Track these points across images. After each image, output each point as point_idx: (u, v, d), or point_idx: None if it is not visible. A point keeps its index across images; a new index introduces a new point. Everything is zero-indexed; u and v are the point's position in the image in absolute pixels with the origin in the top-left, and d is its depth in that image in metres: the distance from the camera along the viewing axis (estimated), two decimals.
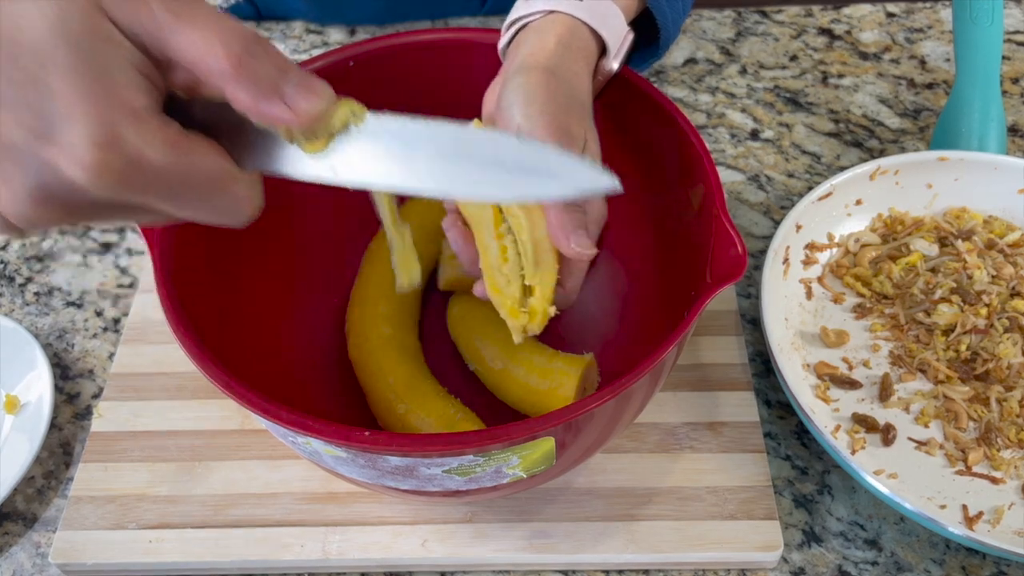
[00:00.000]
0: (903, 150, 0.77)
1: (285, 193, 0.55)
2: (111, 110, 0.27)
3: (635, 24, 0.54)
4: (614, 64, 0.53)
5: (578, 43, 0.50)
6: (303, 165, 0.31)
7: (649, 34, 0.56)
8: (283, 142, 0.30)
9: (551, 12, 0.50)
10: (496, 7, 0.88)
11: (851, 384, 0.60)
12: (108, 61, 0.27)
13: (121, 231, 0.73)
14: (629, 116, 0.57)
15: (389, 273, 0.62)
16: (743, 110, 0.81)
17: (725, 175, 0.76)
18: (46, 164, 0.27)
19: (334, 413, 0.58)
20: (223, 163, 0.30)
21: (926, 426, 0.58)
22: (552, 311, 0.48)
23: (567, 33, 0.50)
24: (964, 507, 0.54)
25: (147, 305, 0.66)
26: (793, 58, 0.86)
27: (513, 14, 0.52)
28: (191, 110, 0.30)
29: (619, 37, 0.52)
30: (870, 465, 0.56)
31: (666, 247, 0.58)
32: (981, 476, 0.56)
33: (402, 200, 0.65)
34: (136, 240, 0.73)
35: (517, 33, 0.52)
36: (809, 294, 0.65)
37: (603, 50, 0.52)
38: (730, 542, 0.53)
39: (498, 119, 0.48)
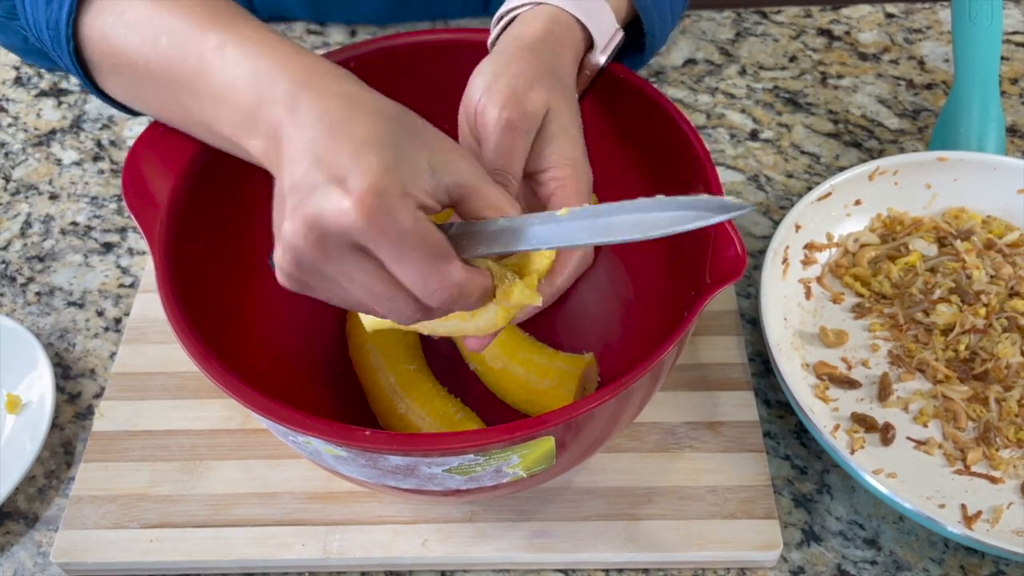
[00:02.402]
0: (902, 150, 0.77)
1: None
2: (392, 183, 0.36)
3: (624, 29, 0.54)
4: (600, 58, 0.53)
5: (564, 33, 0.50)
6: (514, 244, 0.40)
7: (636, 41, 0.56)
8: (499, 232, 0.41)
9: (539, 4, 0.51)
10: (498, 8, 0.88)
11: (850, 384, 0.60)
12: (408, 158, 0.38)
13: (122, 231, 0.73)
14: (629, 117, 0.57)
15: None
16: (743, 110, 0.81)
17: (725, 175, 0.76)
18: (330, 196, 0.36)
19: (334, 413, 0.58)
20: (445, 243, 0.39)
21: (925, 426, 0.58)
22: (536, 300, 0.47)
23: (553, 22, 0.50)
24: (963, 506, 0.54)
25: (148, 305, 0.66)
26: (792, 59, 0.86)
27: (502, 8, 0.52)
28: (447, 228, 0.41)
29: (607, 32, 0.52)
30: (869, 464, 0.56)
31: (666, 247, 0.58)
32: (980, 475, 0.56)
33: None
34: (137, 240, 0.73)
35: (506, 27, 0.52)
36: (808, 294, 0.65)
37: (590, 45, 0.53)
38: (730, 541, 0.54)
39: (464, 97, 0.48)
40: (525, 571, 0.55)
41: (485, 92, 0.46)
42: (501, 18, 0.53)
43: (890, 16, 0.90)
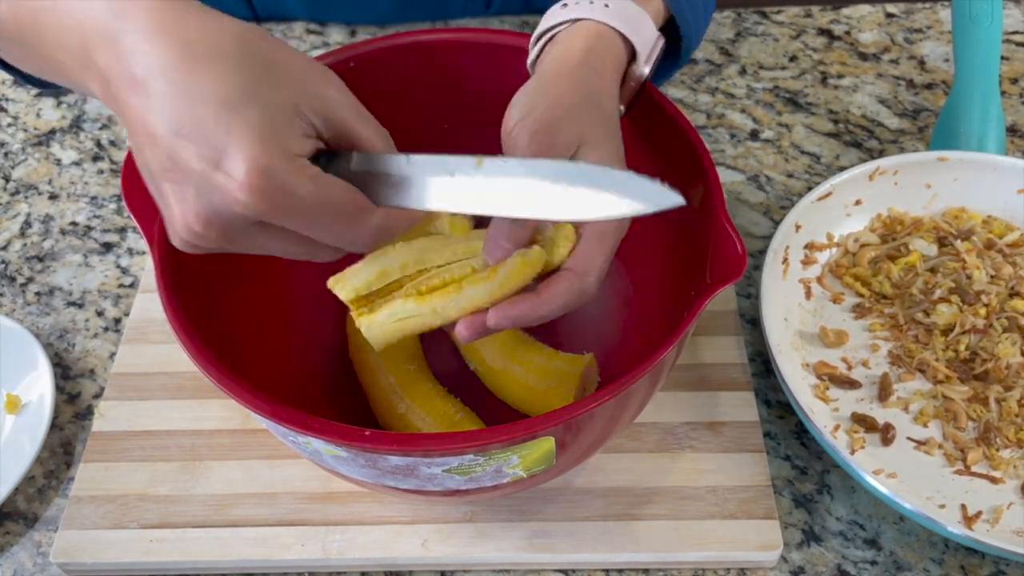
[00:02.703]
0: (902, 150, 0.77)
1: None
2: (272, 152, 0.34)
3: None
4: (645, 69, 0.51)
5: (606, 49, 0.49)
6: (427, 201, 0.37)
7: (669, 44, 0.55)
8: (414, 184, 0.38)
9: (578, 20, 0.49)
10: (500, 9, 0.88)
11: (850, 384, 0.60)
12: (280, 111, 0.35)
13: (122, 231, 0.73)
14: (629, 117, 0.57)
15: None
16: (743, 110, 0.81)
17: (725, 175, 0.76)
18: (215, 187, 0.34)
19: (334, 413, 0.58)
20: (355, 196, 0.37)
21: (925, 426, 0.58)
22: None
23: (594, 39, 0.48)
24: (963, 507, 0.54)
25: (148, 305, 0.66)
26: (792, 58, 0.86)
27: (540, 27, 0.51)
28: (346, 164, 0.38)
29: (649, 42, 0.51)
30: (869, 465, 0.56)
31: (666, 247, 0.58)
32: (980, 476, 0.56)
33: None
34: (137, 240, 0.73)
35: (545, 46, 0.50)
36: (808, 294, 0.65)
37: (632, 56, 0.51)
38: (730, 541, 0.54)
39: (503, 123, 0.47)
40: (525, 571, 0.54)
41: (519, 121, 0.45)
42: (540, 37, 0.51)
43: (890, 16, 0.90)
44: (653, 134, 0.56)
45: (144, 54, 0.35)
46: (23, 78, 0.50)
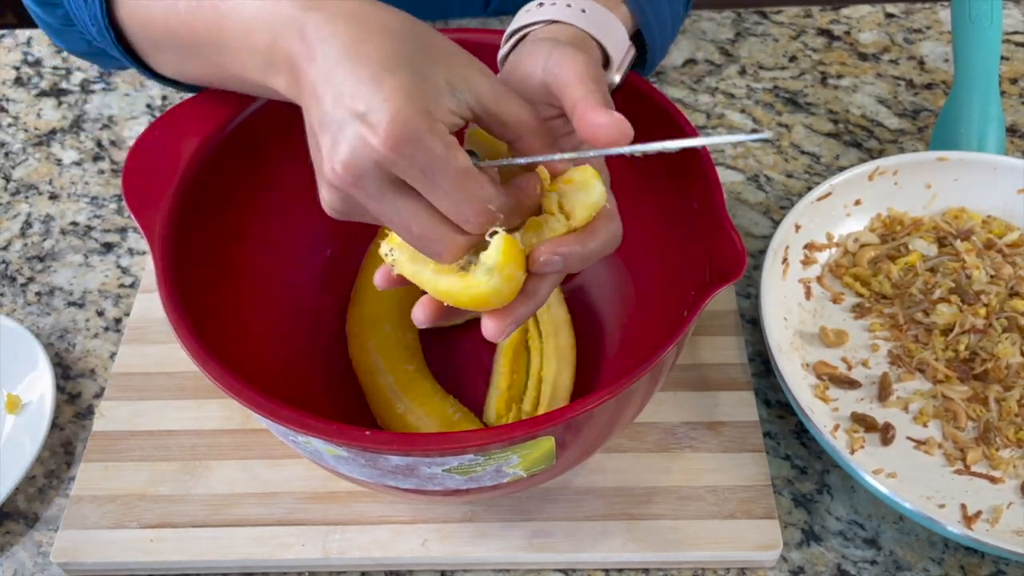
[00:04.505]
0: (902, 150, 0.77)
1: (286, 194, 0.55)
2: (414, 109, 0.37)
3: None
4: (616, 77, 0.51)
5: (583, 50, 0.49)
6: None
7: (637, 56, 0.55)
8: None
9: (554, 22, 0.49)
10: (499, 9, 0.89)
11: (850, 384, 0.60)
12: (428, 79, 0.38)
13: (123, 231, 0.73)
14: (629, 117, 0.57)
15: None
16: (742, 110, 0.81)
17: (725, 175, 0.76)
18: (358, 135, 0.37)
19: (334, 412, 0.58)
20: (472, 164, 0.39)
21: (925, 425, 0.58)
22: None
23: (574, 40, 0.48)
24: (963, 506, 0.54)
25: (148, 305, 0.66)
26: (792, 59, 0.86)
27: (514, 24, 0.50)
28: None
29: (621, 51, 0.51)
30: (869, 464, 0.56)
31: (666, 247, 0.58)
32: (980, 475, 0.56)
33: None
34: (138, 240, 0.73)
35: (517, 44, 0.50)
36: (808, 294, 0.65)
37: (604, 64, 0.51)
38: (729, 541, 0.54)
39: (520, 66, 0.46)
40: (525, 571, 0.55)
41: (548, 57, 0.44)
42: (513, 34, 0.51)
43: (890, 16, 0.90)
44: (653, 134, 0.56)
45: (326, 32, 0.39)
46: (172, 84, 0.55)
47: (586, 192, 0.41)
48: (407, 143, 0.37)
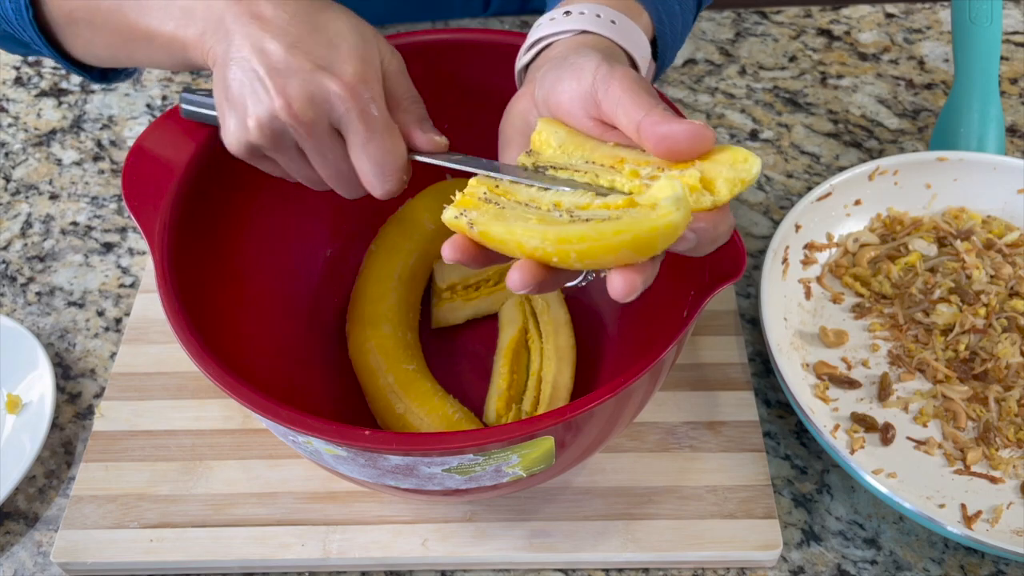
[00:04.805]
0: (902, 150, 0.77)
1: (286, 195, 0.55)
2: (370, 71, 0.45)
3: None
4: None
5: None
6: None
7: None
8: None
9: (583, 32, 0.47)
10: (499, 10, 0.89)
11: (850, 384, 0.60)
12: (374, 55, 0.46)
13: (123, 231, 0.73)
14: None
15: (389, 273, 0.62)
16: (742, 111, 0.81)
17: None
18: (318, 80, 0.43)
19: (334, 412, 0.58)
20: (403, 145, 0.46)
21: (925, 425, 0.58)
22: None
23: (606, 52, 0.46)
24: (963, 506, 0.54)
25: (148, 305, 0.66)
26: (792, 59, 0.86)
27: (536, 33, 0.48)
28: None
29: (647, 61, 0.50)
30: (869, 464, 0.56)
31: None
32: (980, 475, 0.56)
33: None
34: (138, 240, 0.73)
35: (541, 52, 0.49)
36: (808, 294, 0.65)
37: None
38: (729, 541, 0.54)
39: (559, 87, 0.44)
40: (525, 571, 0.55)
41: (613, 79, 0.42)
42: (536, 43, 0.49)
43: (890, 16, 0.90)
44: None
45: (275, 3, 0.45)
46: (78, 69, 0.56)
47: (738, 169, 0.38)
48: (364, 97, 0.44)
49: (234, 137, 0.46)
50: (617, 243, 0.36)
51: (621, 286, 0.36)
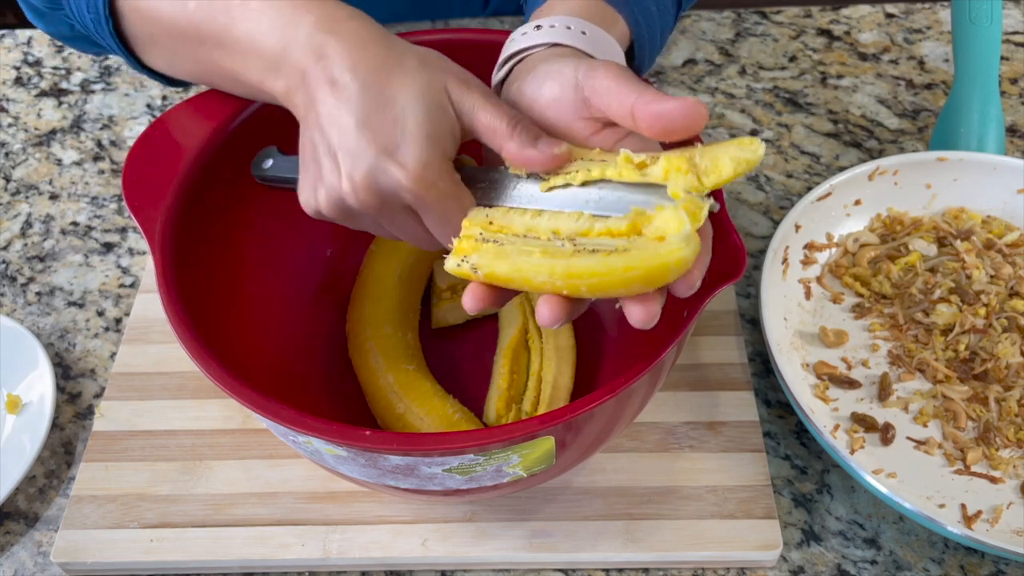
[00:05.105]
0: (902, 150, 0.77)
1: (286, 195, 0.55)
2: (436, 151, 0.42)
3: None
4: None
5: None
6: (526, 200, 0.43)
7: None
8: (511, 184, 0.44)
9: (555, 45, 0.47)
10: (498, 9, 0.89)
11: (850, 384, 0.60)
12: (442, 122, 0.43)
13: (123, 231, 0.73)
14: None
15: (389, 273, 0.62)
16: (742, 111, 0.81)
17: None
18: (387, 171, 0.42)
19: (334, 412, 0.58)
20: (471, 197, 0.44)
21: (925, 425, 0.58)
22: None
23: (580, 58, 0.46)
24: (963, 506, 0.54)
25: (148, 305, 0.66)
26: (792, 59, 0.86)
27: (510, 48, 0.48)
28: (465, 172, 0.45)
29: None
30: (869, 464, 0.56)
31: None
32: (980, 475, 0.56)
33: None
34: (138, 240, 0.73)
35: (514, 67, 0.48)
36: (808, 294, 0.65)
37: None
38: (729, 541, 0.54)
39: (541, 89, 0.44)
40: (525, 571, 0.55)
41: (596, 72, 0.42)
42: (510, 58, 0.48)
43: (890, 16, 0.90)
44: None
45: (346, 62, 0.43)
46: (158, 77, 0.57)
47: (744, 149, 0.38)
48: (429, 183, 0.42)
49: (305, 201, 0.46)
50: (628, 278, 0.37)
51: (641, 316, 0.39)
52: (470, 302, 0.42)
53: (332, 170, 0.43)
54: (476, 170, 0.45)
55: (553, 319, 0.39)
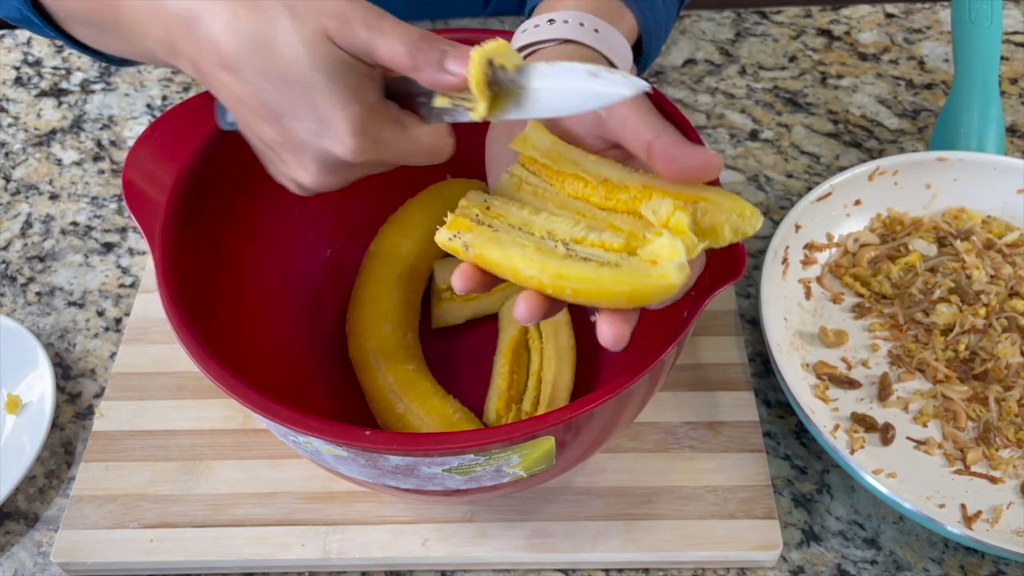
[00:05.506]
0: (902, 150, 0.77)
1: (286, 194, 0.55)
2: (357, 109, 0.40)
3: None
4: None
5: None
6: (464, 115, 0.41)
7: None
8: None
9: (566, 41, 0.48)
10: (498, 9, 0.89)
11: (850, 384, 0.60)
12: (346, 75, 0.40)
13: (123, 231, 0.73)
14: None
15: (389, 273, 0.62)
16: (742, 111, 0.81)
17: (725, 175, 0.76)
18: (325, 151, 0.41)
19: (334, 412, 0.58)
20: (425, 130, 0.42)
21: (925, 425, 0.58)
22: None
23: (586, 60, 0.46)
24: (963, 506, 0.54)
25: (148, 305, 0.66)
26: (792, 59, 0.86)
27: (521, 40, 0.48)
28: (394, 85, 0.42)
29: (628, 66, 0.50)
30: (869, 464, 0.56)
31: None
32: (980, 475, 0.56)
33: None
34: (138, 240, 0.73)
35: (526, 59, 0.48)
36: (808, 294, 0.65)
37: None
38: (729, 541, 0.54)
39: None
40: (525, 571, 0.55)
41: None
42: (520, 51, 0.48)
43: (890, 16, 0.90)
44: None
45: (222, 44, 0.40)
46: (96, 55, 0.55)
47: (745, 221, 0.40)
48: (372, 147, 0.40)
49: (284, 184, 0.45)
50: (615, 292, 0.38)
51: (611, 337, 0.40)
52: (460, 282, 0.42)
53: (284, 162, 0.43)
54: (404, 80, 0.43)
55: (530, 316, 0.40)
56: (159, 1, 0.42)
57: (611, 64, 0.49)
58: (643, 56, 0.54)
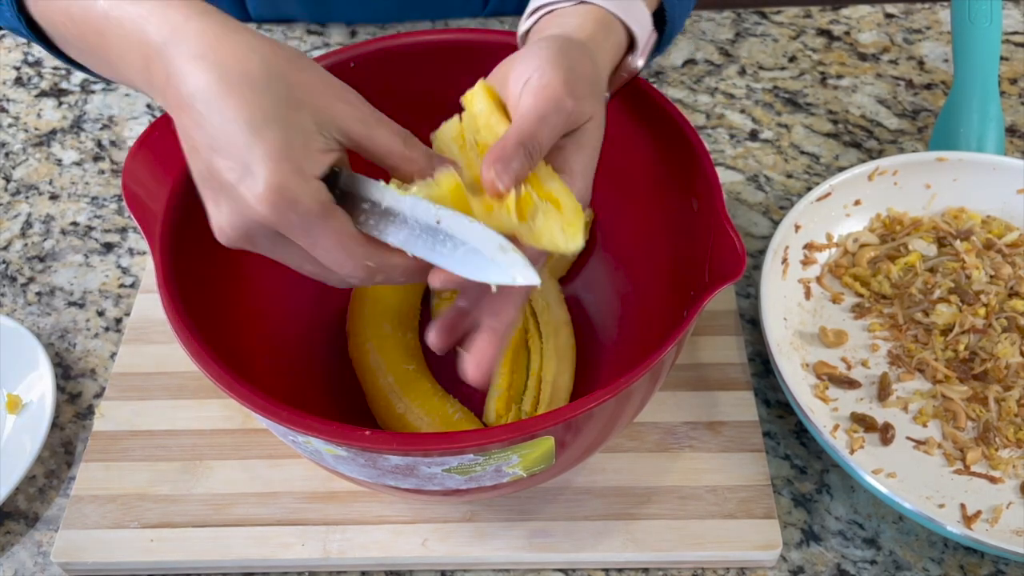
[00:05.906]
0: (902, 150, 0.77)
1: None
2: (285, 170, 0.38)
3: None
4: (640, 62, 0.51)
5: (607, 34, 0.48)
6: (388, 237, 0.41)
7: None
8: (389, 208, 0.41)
9: (582, 3, 0.48)
10: (497, 9, 0.89)
11: (850, 384, 0.60)
12: (296, 143, 0.39)
13: (123, 231, 0.73)
14: (629, 117, 0.57)
15: None
16: (742, 111, 0.81)
17: (724, 175, 0.76)
18: (240, 198, 0.39)
19: (334, 412, 0.58)
20: (348, 228, 0.40)
21: (924, 425, 0.58)
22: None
23: (600, 23, 0.48)
24: (962, 506, 0.54)
25: (149, 305, 0.66)
26: (792, 59, 0.86)
27: (536, 1, 0.50)
28: (338, 181, 0.41)
29: (646, 33, 0.50)
30: (869, 464, 0.56)
31: (666, 247, 0.58)
32: (979, 475, 0.56)
33: None
34: (138, 240, 0.73)
35: (542, 18, 0.50)
36: (808, 294, 0.65)
37: (629, 47, 0.51)
38: (729, 541, 0.54)
39: (511, 74, 0.45)
40: (525, 571, 0.55)
41: (531, 80, 0.43)
42: (537, 10, 0.49)
43: (890, 16, 0.90)
44: (653, 134, 0.56)
45: (188, 75, 0.39)
46: (93, 74, 0.53)
47: (565, 237, 0.41)
48: (285, 208, 0.38)
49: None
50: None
51: (474, 374, 0.44)
52: (436, 339, 0.46)
53: (208, 205, 0.41)
54: (356, 181, 0.42)
55: (443, 286, 0.42)
56: (141, 31, 0.41)
57: (627, 28, 0.49)
58: (667, 26, 0.53)
